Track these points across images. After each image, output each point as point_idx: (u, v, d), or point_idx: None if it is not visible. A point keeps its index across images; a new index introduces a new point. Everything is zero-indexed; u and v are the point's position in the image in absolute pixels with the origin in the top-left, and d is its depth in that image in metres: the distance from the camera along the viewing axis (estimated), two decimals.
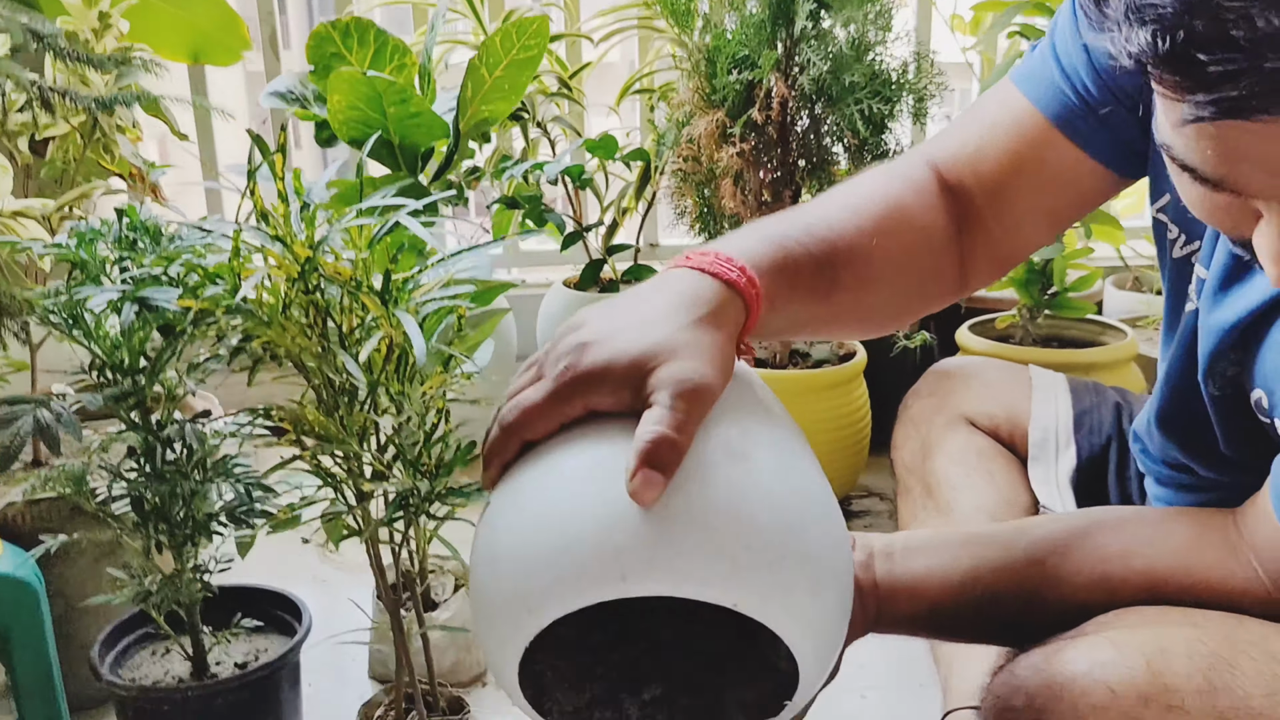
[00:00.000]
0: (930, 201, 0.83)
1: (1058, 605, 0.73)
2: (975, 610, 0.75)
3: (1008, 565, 0.75)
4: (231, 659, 0.98)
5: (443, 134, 0.97)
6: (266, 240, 0.77)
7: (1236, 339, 0.72)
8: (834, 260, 0.76)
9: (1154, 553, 0.73)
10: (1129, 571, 0.72)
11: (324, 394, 0.81)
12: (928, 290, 0.86)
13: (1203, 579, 0.69)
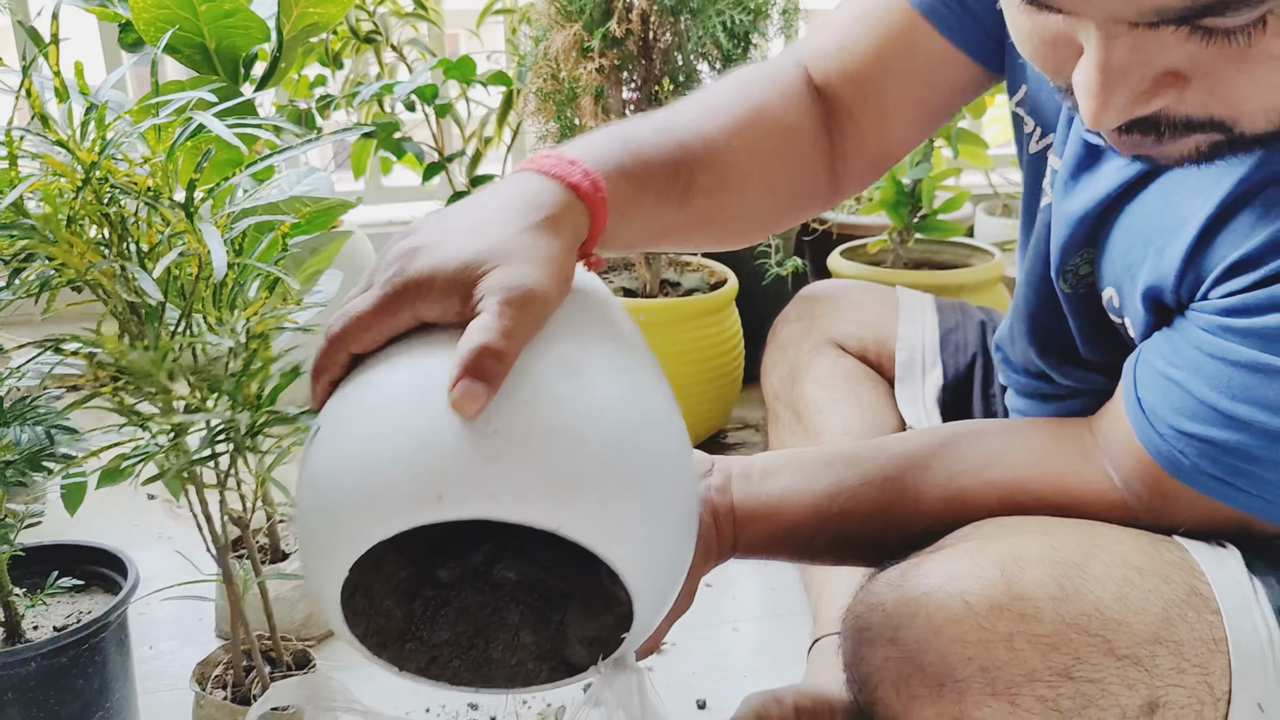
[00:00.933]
0: (796, 100, 0.80)
1: (916, 521, 0.71)
2: (834, 530, 0.72)
3: (865, 482, 0.73)
4: (51, 623, 0.90)
5: (264, 38, 0.88)
6: (46, 146, 0.68)
7: (1087, 230, 0.70)
8: (689, 162, 0.72)
9: (1009, 463, 0.71)
10: (983, 484, 0.70)
11: (126, 320, 0.73)
12: (795, 194, 0.83)
13: (1058, 486, 0.68)
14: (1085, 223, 0.70)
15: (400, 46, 1.70)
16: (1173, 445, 0.61)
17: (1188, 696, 0.58)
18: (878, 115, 0.81)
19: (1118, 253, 0.68)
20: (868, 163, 0.85)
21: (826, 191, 0.85)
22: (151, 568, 0.94)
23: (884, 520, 0.71)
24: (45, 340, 0.73)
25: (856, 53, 0.80)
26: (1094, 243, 0.71)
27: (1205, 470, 0.60)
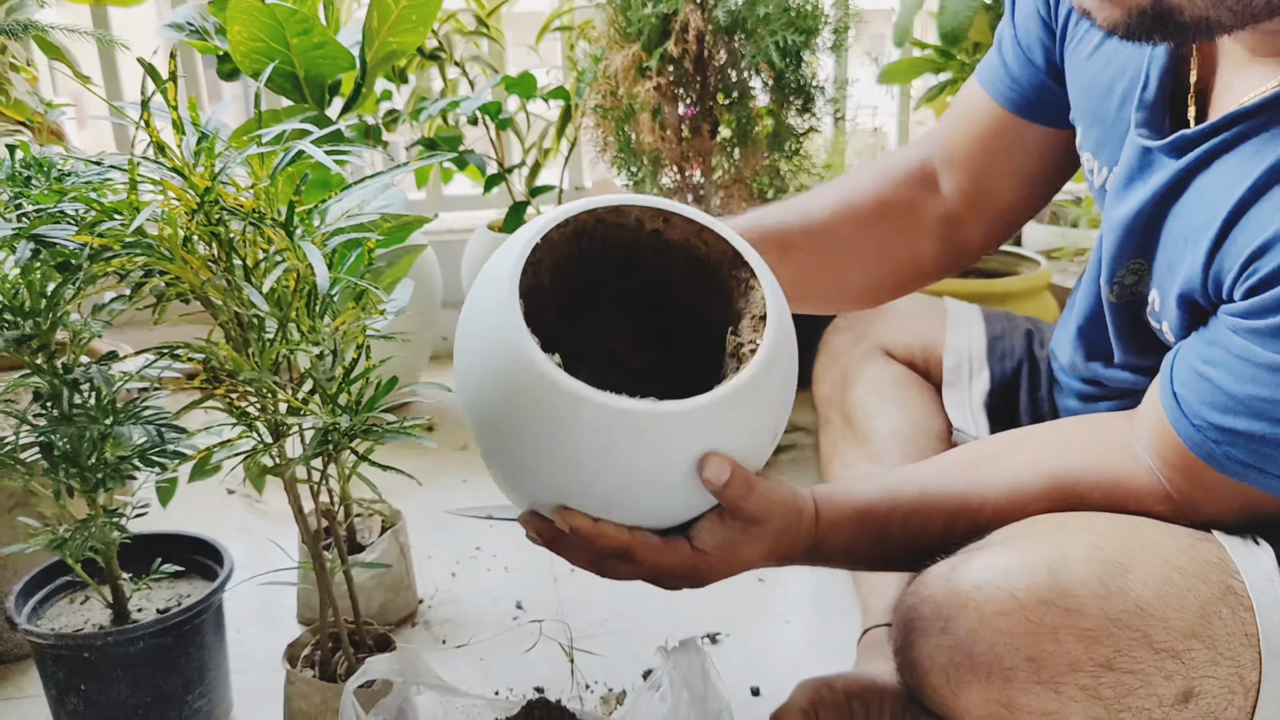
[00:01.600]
0: (906, 180, 0.98)
1: (982, 509, 0.75)
2: (907, 513, 0.77)
3: (934, 473, 0.80)
4: (153, 605, 0.97)
5: (349, 66, 0.95)
6: (164, 172, 0.76)
7: (1136, 237, 0.75)
8: (792, 222, 0.92)
9: (1058, 458, 0.75)
10: (1036, 476, 0.74)
11: (232, 330, 0.80)
12: (901, 260, 0.99)
13: (1108, 478, 0.73)
14: (1133, 229, 0.75)
15: (463, 62, 1.78)
16: (1206, 436, 0.66)
17: (1220, 686, 0.62)
18: (989, 189, 0.94)
19: (1162, 256, 0.73)
20: (990, 229, 0.98)
21: (941, 258, 0.99)
22: (234, 557, 1.02)
23: (953, 509, 0.76)
24: (160, 348, 0.80)
25: (958, 142, 0.95)
26: (1144, 251, 0.76)
27: (1236, 458, 0.64)
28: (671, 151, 1.39)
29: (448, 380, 2.06)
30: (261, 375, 0.77)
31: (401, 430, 0.81)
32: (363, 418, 0.81)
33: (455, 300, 1.95)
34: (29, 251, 0.78)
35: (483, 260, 1.78)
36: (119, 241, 0.74)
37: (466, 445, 1.68)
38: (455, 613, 1.21)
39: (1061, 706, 0.63)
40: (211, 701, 0.98)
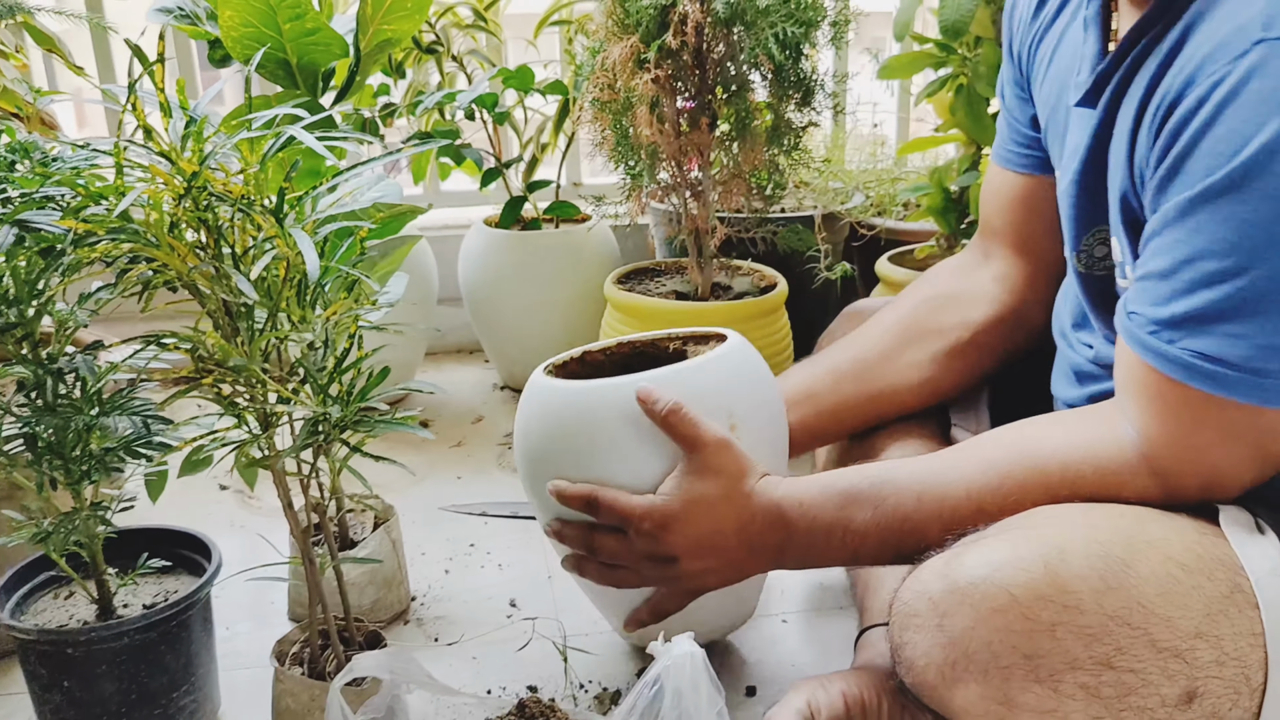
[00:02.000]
0: (954, 276, 1.06)
1: (953, 489, 0.75)
2: (875, 486, 0.79)
3: (905, 458, 0.84)
4: (140, 601, 0.96)
5: (342, 53, 0.94)
6: (151, 157, 0.74)
7: (1084, 192, 0.79)
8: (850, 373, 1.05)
9: (1036, 436, 0.76)
10: (1009, 452, 0.75)
11: (220, 319, 0.78)
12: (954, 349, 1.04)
13: (1077, 452, 0.72)
14: (1080, 186, 0.79)
15: (460, 56, 1.76)
16: (1160, 340, 0.66)
17: (1225, 687, 0.61)
18: (1033, 248, 0.99)
19: (1111, 197, 0.75)
20: (1045, 280, 1.00)
21: (1010, 325, 1.02)
22: (225, 554, 1.00)
23: (921, 487, 0.76)
24: (147, 336, 0.79)
25: (993, 219, 1.02)
26: (1099, 213, 0.78)
27: (1194, 352, 0.64)
28: (669, 145, 1.38)
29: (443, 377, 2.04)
30: (250, 364, 0.75)
31: (394, 421, 0.79)
32: (354, 408, 0.80)
33: (451, 296, 1.93)
34: (12, 237, 0.77)
35: (480, 256, 1.77)
36: (104, 227, 0.73)
37: (462, 442, 1.66)
38: (448, 610, 1.19)
39: (1060, 705, 0.61)
40: (198, 699, 0.96)
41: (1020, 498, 0.72)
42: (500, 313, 1.79)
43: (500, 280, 1.76)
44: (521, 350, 1.80)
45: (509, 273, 1.74)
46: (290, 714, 0.88)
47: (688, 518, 0.83)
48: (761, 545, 0.83)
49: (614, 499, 0.85)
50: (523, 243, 1.74)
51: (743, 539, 0.83)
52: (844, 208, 1.75)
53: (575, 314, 1.76)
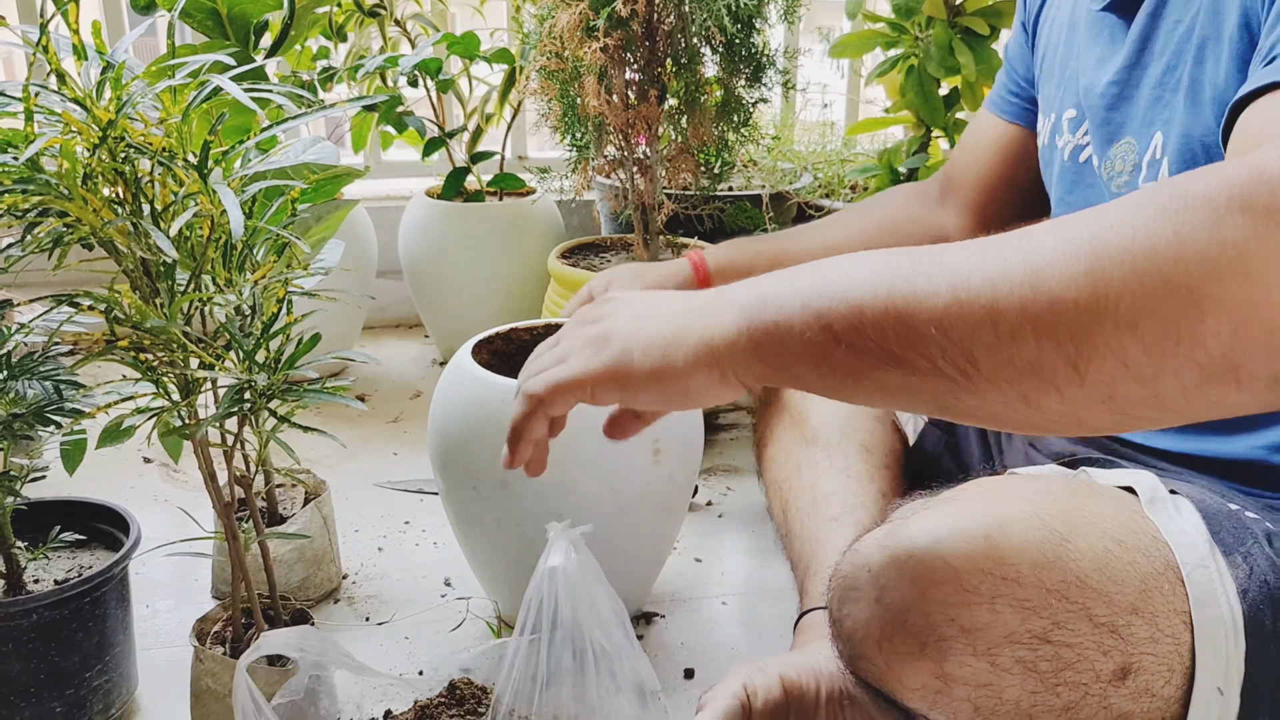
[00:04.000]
0: (914, 203, 1.10)
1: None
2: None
3: None
4: (51, 576, 0.91)
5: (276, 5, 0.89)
6: (64, 104, 0.69)
7: (1115, 96, 0.79)
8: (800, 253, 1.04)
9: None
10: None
11: (138, 278, 0.74)
12: None
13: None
14: (1117, 87, 0.78)
15: (404, 21, 1.71)
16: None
17: (1159, 664, 0.60)
18: (989, 200, 1.03)
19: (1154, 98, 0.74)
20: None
21: None
22: (148, 529, 0.95)
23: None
24: (58, 296, 0.74)
25: (963, 160, 1.05)
26: (1124, 119, 0.78)
27: None
28: (617, 118, 1.34)
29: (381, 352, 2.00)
30: (170, 326, 0.71)
31: (325, 390, 0.75)
32: (281, 375, 0.76)
33: (391, 269, 1.88)
34: None
35: (421, 228, 1.73)
36: (10, 177, 0.68)
37: (399, 417, 1.62)
38: (380, 589, 1.16)
39: (997, 679, 0.60)
40: (113, 679, 0.92)
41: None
42: (441, 286, 1.74)
43: (442, 253, 1.71)
44: (462, 325, 1.76)
45: (451, 246, 1.70)
46: (210, 694, 0.84)
47: (626, 300, 0.66)
48: (708, 297, 0.61)
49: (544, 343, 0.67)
50: (465, 215, 1.70)
51: (683, 300, 0.63)
52: (792, 188, 1.73)
53: (518, 289, 1.72)
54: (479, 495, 0.95)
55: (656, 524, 1.02)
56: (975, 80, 1.36)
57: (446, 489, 1.00)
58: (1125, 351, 0.46)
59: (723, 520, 1.32)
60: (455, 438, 0.96)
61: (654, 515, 1.00)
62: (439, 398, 0.99)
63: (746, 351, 0.56)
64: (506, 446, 0.71)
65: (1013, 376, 0.49)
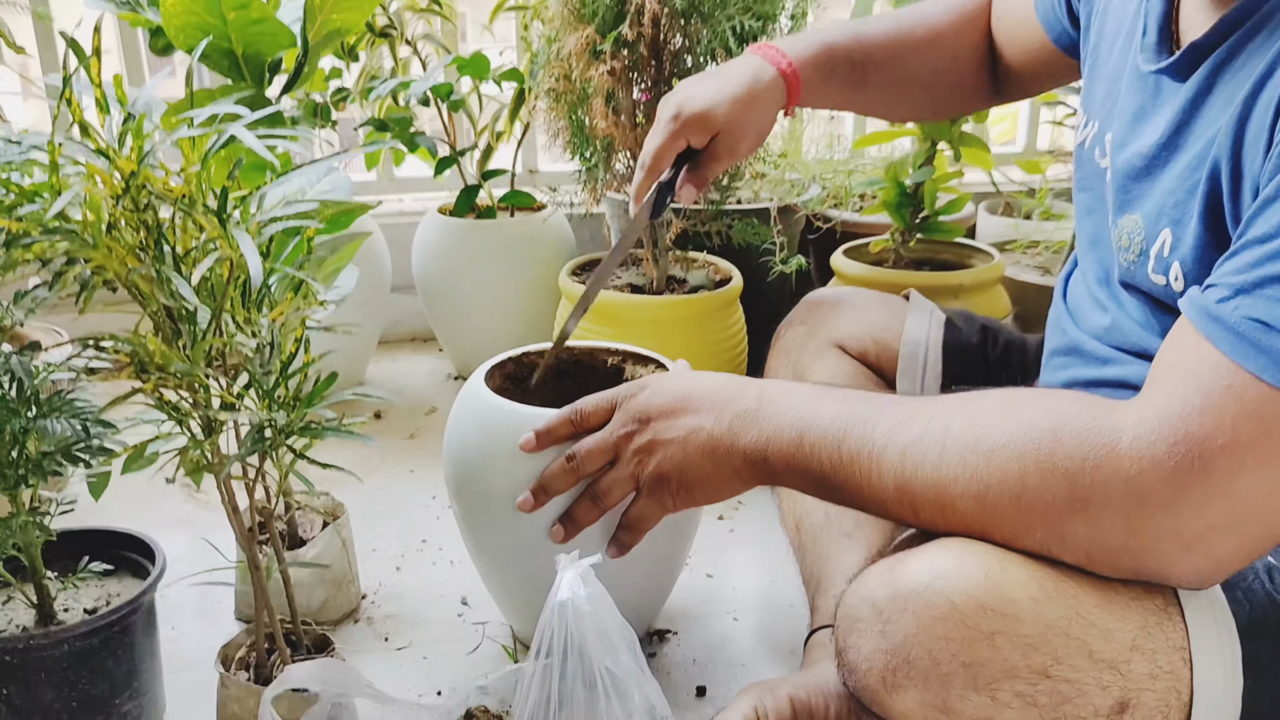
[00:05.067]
0: (968, 25, 1.09)
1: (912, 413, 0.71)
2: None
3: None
4: (81, 605, 0.93)
5: (290, 43, 0.91)
6: (87, 154, 0.72)
7: (1145, 170, 0.76)
8: (867, 64, 1.06)
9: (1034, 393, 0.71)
10: (999, 397, 0.70)
11: (161, 321, 0.76)
12: (954, 100, 1.15)
13: (1085, 416, 0.64)
14: (1149, 160, 0.76)
15: (415, 41, 1.73)
16: (1226, 307, 0.60)
17: (1157, 700, 0.62)
18: (1016, 69, 1.08)
19: (1181, 177, 0.72)
20: (1014, 90, 1.12)
21: (987, 98, 1.13)
22: (171, 551, 0.98)
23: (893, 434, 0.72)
24: (85, 338, 0.77)
25: (1005, 19, 1.07)
26: (1144, 195, 0.76)
27: (1251, 318, 0.58)
28: (625, 137, 1.36)
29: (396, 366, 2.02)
30: (193, 369, 0.74)
31: (341, 429, 0.78)
32: (300, 414, 0.78)
33: (405, 284, 1.91)
34: None
35: (433, 244, 1.75)
36: (38, 226, 0.70)
37: (415, 434, 1.64)
38: (399, 609, 1.18)
39: (997, 713, 0.62)
40: (142, 705, 0.94)
41: (995, 460, 0.65)
42: (454, 302, 1.77)
43: (454, 270, 1.73)
44: (475, 340, 1.79)
45: (463, 262, 1.72)
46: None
47: (661, 380, 0.87)
48: (738, 396, 0.81)
49: (596, 396, 0.89)
50: (477, 232, 1.72)
51: (717, 390, 0.83)
52: (800, 200, 1.75)
53: (530, 304, 1.74)
54: (493, 520, 0.97)
55: (668, 545, 1.03)
56: None
57: (461, 513, 1.02)
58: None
59: (734, 535, 1.34)
60: (470, 462, 0.98)
61: (665, 536, 1.02)
62: (453, 423, 1.01)
63: (761, 482, 0.81)
64: (530, 493, 0.80)
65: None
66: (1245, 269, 0.60)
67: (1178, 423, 0.58)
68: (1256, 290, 0.58)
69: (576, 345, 1.12)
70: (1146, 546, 0.60)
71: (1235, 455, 0.57)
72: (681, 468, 0.82)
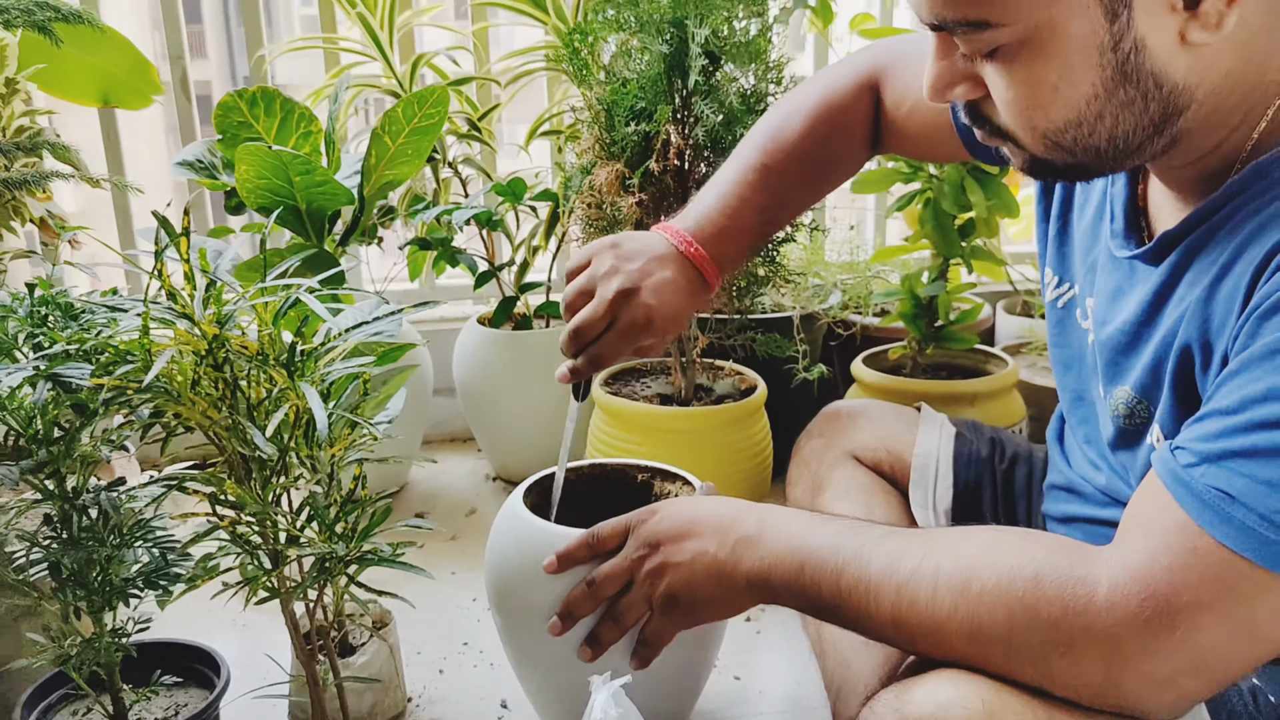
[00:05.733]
0: (867, 105, 1.11)
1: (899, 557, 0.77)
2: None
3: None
4: (152, 715, 1.01)
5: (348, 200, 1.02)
6: (175, 318, 0.82)
7: (1126, 344, 0.83)
8: (777, 204, 1.09)
9: (1009, 539, 0.75)
10: (977, 534, 0.76)
11: (236, 463, 0.85)
12: (843, 176, 1.17)
13: (1062, 568, 0.70)
14: (1127, 336, 0.82)
15: (456, 163, 1.85)
16: (1193, 473, 0.65)
17: None
18: (919, 142, 1.10)
19: (1154, 352, 0.79)
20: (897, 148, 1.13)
21: (867, 157, 1.15)
22: (228, 654, 1.06)
23: (884, 532, 0.80)
24: (169, 478, 0.86)
25: (908, 95, 1.07)
26: (1128, 366, 0.83)
27: (1215, 488, 0.64)
28: None
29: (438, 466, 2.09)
30: (265, 509, 0.82)
31: (396, 561, 0.86)
32: (358, 545, 0.87)
33: (446, 388, 2.01)
34: (47, 391, 0.84)
35: (473, 352, 1.85)
36: (133, 385, 0.80)
37: (456, 535, 1.72)
38: (443, 712, 1.24)
39: None
40: None
41: (984, 603, 0.71)
42: (493, 408, 1.86)
43: (493, 377, 1.83)
44: (513, 444, 1.87)
45: (501, 370, 1.82)
46: None
47: (669, 505, 0.93)
48: (739, 522, 0.88)
49: (611, 522, 0.95)
50: (514, 342, 1.82)
51: (721, 516, 0.89)
52: (822, 308, 1.83)
53: (564, 410, 1.82)
54: (531, 633, 1.04)
55: (696, 652, 1.10)
56: (988, 216, 1.46)
57: (501, 623, 1.09)
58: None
59: (760, 637, 1.40)
60: (509, 578, 1.05)
61: (693, 644, 1.08)
62: (494, 540, 1.09)
63: (765, 602, 0.86)
64: (557, 617, 0.87)
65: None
66: (1210, 438, 0.66)
67: (1148, 580, 0.65)
68: (1221, 461, 0.65)
69: (609, 463, 1.20)
70: (1124, 687, 0.66)
71: (1199, 612, 0.63)
72: (689, 589, 0.88)
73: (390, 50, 1.78)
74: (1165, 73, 0.70)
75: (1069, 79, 0.70)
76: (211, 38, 12.49)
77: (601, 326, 1.00)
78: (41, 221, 1.32)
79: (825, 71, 1.15)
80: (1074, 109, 0.71)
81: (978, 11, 0.69)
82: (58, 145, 1.06)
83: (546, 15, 1.77)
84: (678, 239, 1.05)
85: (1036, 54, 0.70)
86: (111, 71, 1.72)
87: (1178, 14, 0.67)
